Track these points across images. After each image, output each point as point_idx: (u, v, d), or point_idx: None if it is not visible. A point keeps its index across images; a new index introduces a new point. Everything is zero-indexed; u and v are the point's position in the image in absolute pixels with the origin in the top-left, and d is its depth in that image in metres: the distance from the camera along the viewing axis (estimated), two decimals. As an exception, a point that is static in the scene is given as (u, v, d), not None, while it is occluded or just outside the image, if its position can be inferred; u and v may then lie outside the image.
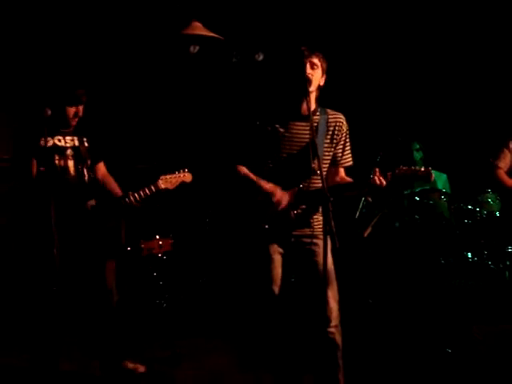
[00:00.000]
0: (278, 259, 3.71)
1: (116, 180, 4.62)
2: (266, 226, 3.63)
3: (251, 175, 3.70)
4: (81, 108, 4.31)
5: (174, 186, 4.48)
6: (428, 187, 6.03)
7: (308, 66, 3.59)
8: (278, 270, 3.70)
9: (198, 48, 6.78)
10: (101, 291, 4.36)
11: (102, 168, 4.59)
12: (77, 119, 4.32)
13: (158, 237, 5.60)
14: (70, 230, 4.15)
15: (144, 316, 5.75)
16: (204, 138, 6.84)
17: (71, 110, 4.28)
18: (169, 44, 6.70)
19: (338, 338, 3.68)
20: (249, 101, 6.40)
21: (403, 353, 4.82)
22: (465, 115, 6.93)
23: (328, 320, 3.63)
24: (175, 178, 4.49)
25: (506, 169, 5.53)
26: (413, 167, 3.58)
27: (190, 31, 6.27)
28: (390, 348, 4.92)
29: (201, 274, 6.50)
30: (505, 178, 5.53)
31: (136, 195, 4.34)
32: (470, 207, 5.87)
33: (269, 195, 3.62)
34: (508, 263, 5.56)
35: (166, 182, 4.44)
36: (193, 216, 6.69)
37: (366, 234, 5.77)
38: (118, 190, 4.54)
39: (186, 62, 6.94)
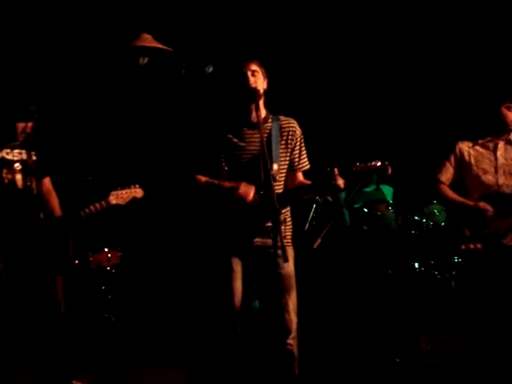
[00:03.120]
0: (238, 271, 3.70)
1: (66, 194, 4.56)
2: (225, 234, 3.62)
3: (212, 179, 3.69)
4: (30, 124, 4.24)
5: (126, 201, 4.45)
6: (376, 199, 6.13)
7: (249, 74, 3.64)
8: (238, 283, 3.69)
9: (147, 60, 6.74)
10: (49, 306, 4.28)
11: (47, 183, 4.52)
12: (24, 135, 4.25)
13: (106, 249, 5.54)
14: (17, 244, 4.07)
15: (92, 330, 5.65)
16: (157, 151, 6.80)
17: (20, 126, 4.22)
18: (118, 56, 6.65)
19: (296, 350, 3.70)
20: (200, 112, 6.40)
21: (352, 363, 4.86)
22: (411, 126, 7.06)
23: (287, 331, 3.65)
24: (126, 193, 4.45)
25: (448, 182, 5.25)
26: (369, 163, 3.60)
27: (139, 43, 6.24)
28: (340, 358, 4.95)
29: (150, 287, 6.43)
30: (447, 191, 5.29)
31: (87, 211, 4.30)
32: (416, 218, 5.98)
33: (233, 190, 3.60)
34: (454, 273, 5.66)
35: (117, 197, 4.41)
36: (142, 228, 6.62)
37: (315, 246, 5.80)
38: (57, 209, 4.47)
39: (135, 74, 6.89)
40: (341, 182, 3.56)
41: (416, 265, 5.74)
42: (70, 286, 4.64)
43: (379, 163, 3.57)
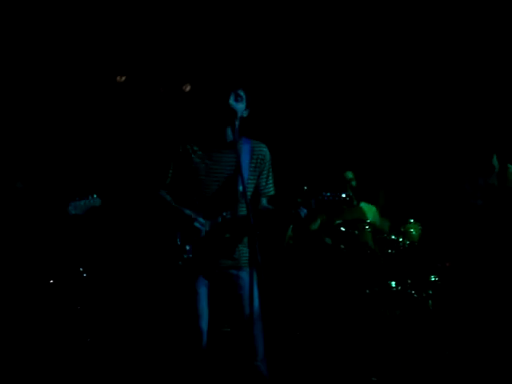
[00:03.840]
0: (203, 292, 3.68)
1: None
2: (187, 256, 3.60)
3: (173, 203, 3.69)
4: None
5: (84, 211, 4.41)
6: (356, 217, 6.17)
7: (233, 96, 3.66)
8: (203, 304, 3.66)
9: (124, 78, 6.75)
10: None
11: None
12: None
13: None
14: None
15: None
16: (127, 165, 6.77)
17: None
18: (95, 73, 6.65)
19: (265, 371, 3.67)
20: (174, 129, 6.41)
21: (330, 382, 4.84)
22: (388, 148, 7.11)
23: (255, 353, 3.62)
24: (84, 203, 4.42)
25: None
26: (335, 193, 3.64)
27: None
28: (317, 377, 4.93)
29: (113, 302, 6.33)
30: None
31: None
32: (393, 237, 6.00)
33: (189, 222, 3.60)
34: (431, 292, 5.68)
35: (76, 208, 4.37)
36: (104, 243, 6.54)
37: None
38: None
39: (112, 91, 6.89)
40: (303, 212, 3.58)
41: (393, 284, 5.74)
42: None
43: (343, 195, 3.63)
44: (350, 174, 6.51)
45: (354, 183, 6.47)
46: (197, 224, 3.59)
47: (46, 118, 6.60)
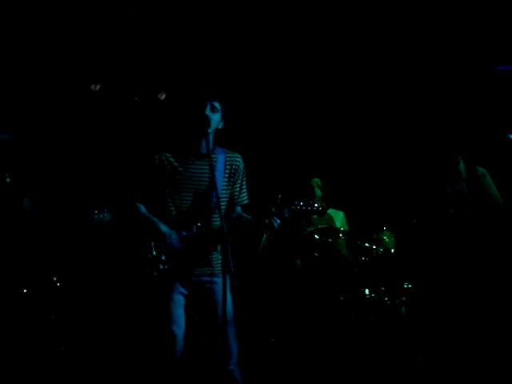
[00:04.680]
0: (179, 299, 3.71)
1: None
2: (162, 267, 3.63)
3: (148, 216, 3.73)
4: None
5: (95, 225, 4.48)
6: (327, 225, 6.18)
7: (209, 107, 3.70)
8: (179, 311, 3.70)
9: (99, 86, 6.73)
10: None
11: (26, 204, 4.53)
12: None
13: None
14: None
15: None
16: (101, 174, 6.75)
17: None
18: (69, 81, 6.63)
19: (238, 375, 3.71)
20: (149, 139, 6.41)
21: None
22: (361, 153, 7.16)
23: (228, 357, 3.66)
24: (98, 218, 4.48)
25: None
26: (307, 202, 3.71)
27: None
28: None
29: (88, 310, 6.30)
30: None
31: None
32: (366, 245, 6.06)
33: (163, 237, 3.64)
34: (404, 299, 5.73)
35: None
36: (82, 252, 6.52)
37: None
38: (42, 226, 4.52)
39: (88, 100, 6.88)
40: (277, 221, 3.64)
41: (366, 291, 5.78)
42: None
43: (316, 204, 3.70)
44: (317, 181, 6.56)
45: (320, 190, 6.53)
46: (168, 241, 3.62)
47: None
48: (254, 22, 6.39)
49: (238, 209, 3.93)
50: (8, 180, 4.38)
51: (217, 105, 3.75)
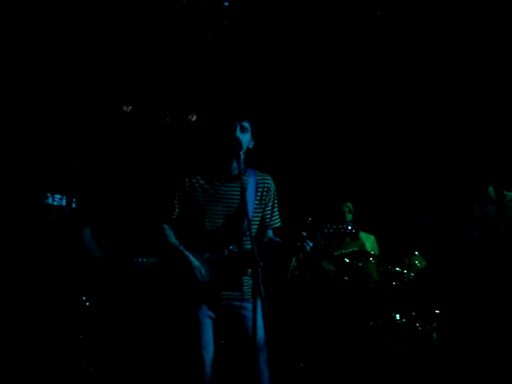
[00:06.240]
0: (207, 323, 3.66)
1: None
2: (191, 289, 3.59)
3: (178, 245, 3.69)
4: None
5: (145, 269, 4.53)
6: (357, 249, 6.14)
7: (238, 129, 3.67)
8: (207, 336, 3.64)
9: (131, 108, 6.79)
10: None
11: (87, 233, 4.59)
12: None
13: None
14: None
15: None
16: (132, 197, 6.77)
17: None
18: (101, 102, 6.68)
19: None
20: (179, 161, 6.42)
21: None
22: (392, 177, 7.12)
23: None
24: (148, 263, 4.53)
25: None
26: (340, 226, 3.65)
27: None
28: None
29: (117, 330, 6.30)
30: None
31: None
32: (397, 269, 5.97)
33: (193, 271, 3.61)
34: (435, 325, 5.64)
35: (142, 265, 4.46)
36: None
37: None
38: (98, 258, 4.55)
39: (119, 121, 6.93)
40: (309, 245, 3.58)
41: (397, 316, 5.70)
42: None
43: (349, 227, 3.64)
44: (349, 206, 6.53)
45: (352, 215, 6.50)
46: (198, 274, 3.60)
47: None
48: (284, 41, 6.44)
49: (270, 232, 3.88)
50: (74, 205, 4.40)
51: (246, 125, 3.71)
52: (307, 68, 6.69)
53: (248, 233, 3.50)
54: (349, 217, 6.48)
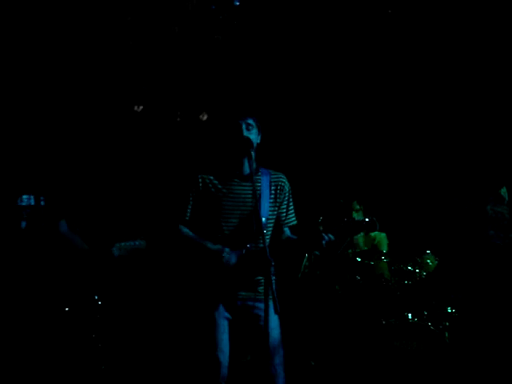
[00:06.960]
0: (224, 324, 3.64)
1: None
2: (210, 286, 3.59)
3: (196, 237, 3.67)
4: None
5: (129, 253, 4.47)
6: (368, 248, 6.15)
7: (244, 127, 3.66)
8: (223, 336, 3.62)
9: (142, 107, 6.80)
10: None
11: (62, 226, 4.58)
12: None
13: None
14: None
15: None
16: (148, 199, 6.78)
17: None
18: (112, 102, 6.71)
19: None
20: (191, 160, 6.43)
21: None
22: (403, 177, 7.11)
23: None
24: (130, 245, 4.47)
25: None
26: (357, 219, 3.60)
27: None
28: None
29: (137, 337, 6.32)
30: None
31: None
32: (409, 268, 5.96)
33: (216, 253, 3.59)
34: (447, 324, 5.62)
35: (120, 249, 4.42)
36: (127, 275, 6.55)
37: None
38: (82, 247, 4.58)
39: (130, 121, 6.94)
40: (330, 237, 3.53)
41: (409, 315, 5.69)
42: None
43: (367, 219, 3.58)
44: (356, 205, 6.53)
45: (361, 214, 6.49)
46: (225, 255, 3.57)
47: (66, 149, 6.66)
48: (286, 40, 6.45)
49: (287, 231, 3.85)
50: (43, 203, 4.43)
51: (251, 121, 3.68)
52: (318, 67, 6.68)
53: (264, 231, 3.48)
54: (357, 216, 6.46)
